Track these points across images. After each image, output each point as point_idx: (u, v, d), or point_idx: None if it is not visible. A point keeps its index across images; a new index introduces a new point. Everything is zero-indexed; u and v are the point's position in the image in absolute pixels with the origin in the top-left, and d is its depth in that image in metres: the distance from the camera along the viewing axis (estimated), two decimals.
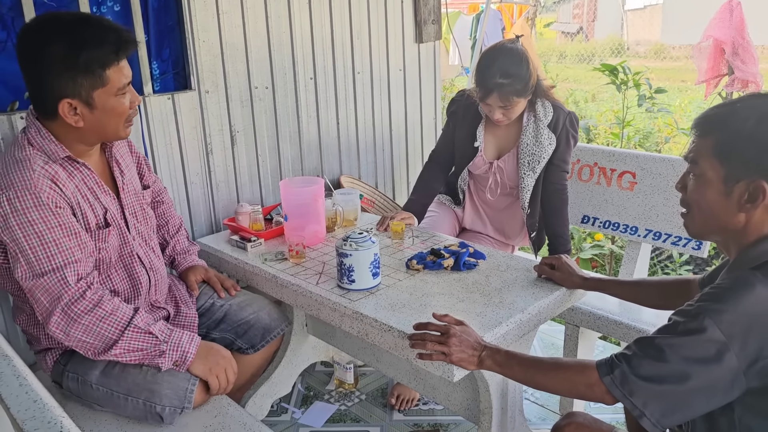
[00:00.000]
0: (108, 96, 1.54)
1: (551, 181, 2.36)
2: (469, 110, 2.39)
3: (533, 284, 1.87)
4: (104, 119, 1.57)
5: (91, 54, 1.48)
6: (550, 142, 2.30)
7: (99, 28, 1.52)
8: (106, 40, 1.51)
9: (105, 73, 1.52)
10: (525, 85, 2.18)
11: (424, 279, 1.93)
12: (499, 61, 2.18)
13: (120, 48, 1.53)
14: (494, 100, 2.20)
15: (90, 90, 1.52)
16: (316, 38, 2.71)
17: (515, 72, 2.16)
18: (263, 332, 1.97)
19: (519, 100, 2.21)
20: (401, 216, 2.36)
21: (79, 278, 1.52)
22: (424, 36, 3.11)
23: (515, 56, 2.19)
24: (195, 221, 2.48)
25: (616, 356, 1.29)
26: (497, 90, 2.17)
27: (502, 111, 2.23)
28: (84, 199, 1.61)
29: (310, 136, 2.79)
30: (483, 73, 2.21)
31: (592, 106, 8.25)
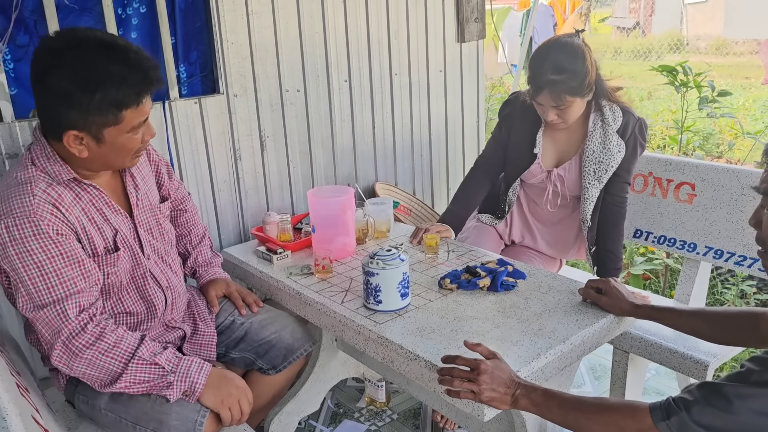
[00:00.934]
0: (120, 133, 1.44)
1: (612, 193, 2.17)
2: (528, 113, 2.21)
3: (577, 309, 1.70)
4: (111, 154, 1.47)
5: (107, 94, 1.36)
6: (620, 149, 2.11)
7: (123, 64, 1.38)
8: (128, 81, 1.38)
9: (121, 113, 1.40)
10: (580, 82, 1.99)
11: (457, 300, 1.79)
12: (552, 56, 2.01)
13: (143, 90, 1.41)
14: (545, 98, 2.02)
15: (101, 127, 1.41)
16: (351, 38, 2.59)
17: (569, 67, 1.98)
18: (285, 353, 1.86)
19: (573, 100, 2.02)
20: (436, 229, 2.22)
21: (81, 310, 1.44)
22: (466, 35, 2.95)
23: (570, 50, 2.01)
24: (223, 230, 2.39)
25: (674, 400, 1.14)
26: (548, 87, 1.99)
27: (556, 112, 2.05)
28: (91, 223, 1.52)
29: (344, 141, 2.67)
30: (534, 69, 2.04)
31: (648, 105, 7.89)
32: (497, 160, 2.33)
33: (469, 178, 2.40)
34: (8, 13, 1.87)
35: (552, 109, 2.04)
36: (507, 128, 2.29)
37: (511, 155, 2.28)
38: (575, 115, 2.08)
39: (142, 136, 1.50)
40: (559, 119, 2.07)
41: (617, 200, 2.17)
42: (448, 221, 2.29)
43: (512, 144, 2.27)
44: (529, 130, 2.21)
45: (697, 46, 13.41)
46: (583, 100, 2.06)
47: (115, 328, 1.48)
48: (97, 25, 2.01)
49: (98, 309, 1.48)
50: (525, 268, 1.97)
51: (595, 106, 2.13)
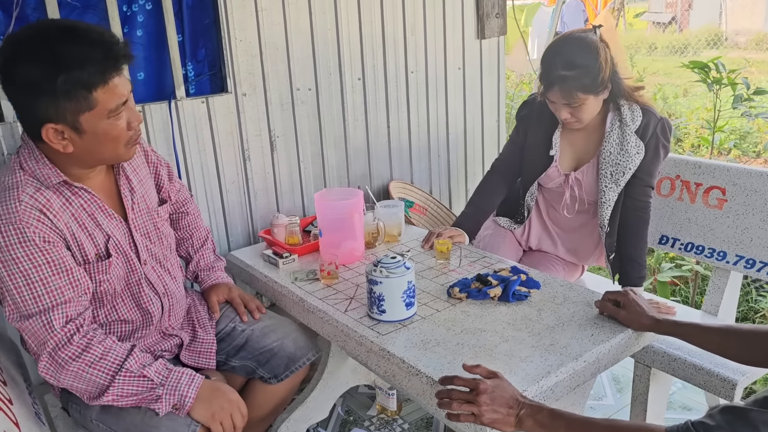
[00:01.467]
0: (98, 119, 1.37)
1: (632, 197, 2.05)
2: (545, 114, 2.11)
3: (593, 323, 1.59)
4: (97, 144, 1.40)
5: (71, 76, 1.30)
6: (638, 150, 1.99)
7: (83, 44, 1.32)
8: (90, 58, 1.32)
9: (91, 95, 1.33)
10: (593, 79, 1.89)
11: (465, 310, 1.70)
12: (564, 51, 1.91)
13: (107, 67, 1.34)
14: (556, 95, 1.93)
15: (75, 114, 1.34)
16: (365, 35, 2.50)
17: (581, 63, 1.88)
18: (287, 361, 1.80)
19: (586, 98, 1.91)
20: (449, 233, 2.12)
21: (67, 320, 1.39)
22: (486, 31, 2.84)
23: (583, 46, 1.90)
24: (231, 232, 2.34)
25: (693, 424, 1.06)
26: (559, 84, 1.90)
27: (569, 110, 1.95)
28: (81, 229, 1.47)
29: (357, 141, 2.59)
30: (546, 65, 1.95)
31: (683, 102, 7.63)
32: (514, 163, 2.23)
33: (486, 182, 2.30)
34: (9, 11, 1.84)
35: (564, 107, 1.95)
36: (524, 130, 2.19)
37: (528, 158, 2.18)
38: (590, 114, 1.97)
39: (127, 122, 1.43)
40: (572, 118, 1.97)
41: (639, 205, 2.05)
42: (463, 225, 2.20)
43: (529, 146, 2.17)
44: (546, 132, 2.11)
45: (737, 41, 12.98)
46: (598, 99, 1.95)
47: (104, 338, 1.43)
48: (101, 22, 1.97)
49: (86, 319, 1.43)
50: (540, 276, 1.87)
51: (613, 106, 2.01)
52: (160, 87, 2.15)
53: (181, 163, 2.15)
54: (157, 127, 2.09)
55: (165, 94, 2.13)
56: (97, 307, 1.54)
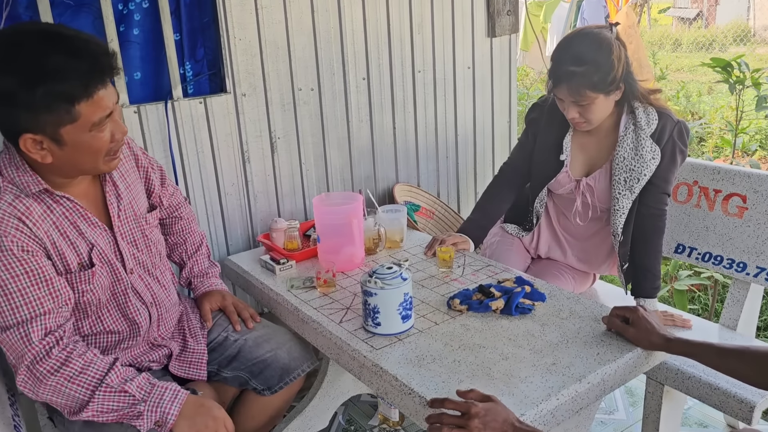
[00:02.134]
0: (80, 132, 1.30)
1: (647, 204, 1.95)
2: (555, 117, 2.02)
3: (599, 340, 1.50)
4: (77, 156, 1.34)
5: (52, 88, 1.23)
6: (654, 155, 1.89)
7: (66, 54, 1.25)
8: (73, 71, 1.25)
9: (74, 108, 1.27)
10: (602, 77, 1.79)
11: (465, 324, 1.62)
12: (574, 46, 1.82)
13: (92, 79, 1.27)
14: (564, 92, 1.83)
15: (56, 126, 1.28)
16: (370, 33, 2.43)
17: (591, 59, 1.78)
18: (281, 373, 1.74)
19: (595, 97, 1.81)
20: (453, 240, 2.04)
21: (46, 333, 1.34)
22: (497, 29, 2.74)
23: (595, 41, 1.81)
24: (230, 236, 2.28)
25: None
26: (566, 80, 1.81)
27: (578, 109, 1.85)
28: (63, 238, 1.41)
29: (362, 143, 2.52)
30: (555, 60, 1.86)
31: (707, 101, 7.43)
32: (523, 167, 2.14)
33: (493, 186, 2.21)
34: (0, 10, 1.79)
35: (572, 105, 1.85)
36: (533, 133, 2.10)
37: (537, 162, 2.08)
38: (599, 115, 1.87)
39: (111, 134, 1.37)
40: (581, 118, 1.87)
41: (654, 213, 1.95)
42: (469, 231, 2.11)
43: (538, 150, 2.07)
44: (557, 136, 2.01)
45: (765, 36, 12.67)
46: (608, 99, 1.84)
47: (84, 351, 1.37)
48: (96, 21, 1.92)
49: (66, 331, 1.38)
50: (546, 288, 1.78)
51: (627, 108, 1.91)
52: (157, 87, 2.10)
53: (178, 166, 2.10)
54: (154, 129, 2.04)
55: (162, 94, 2.08)
56: (81, 317, 1.49)
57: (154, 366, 1.63)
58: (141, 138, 2.02)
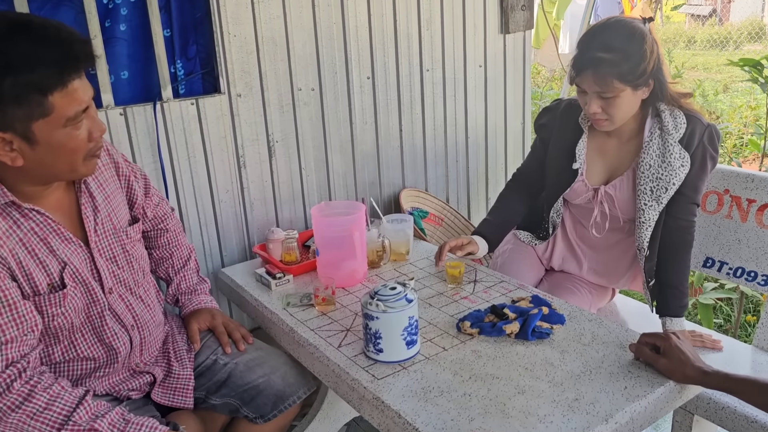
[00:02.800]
0: (53, 128, 1.18)
1: (675, 216, 1.78)
2: (567, 122, 1.86)
3: (626, 372, 1.35)
4: (52, 157, 1.21)
5: (21, 79, 1.11)
6: (683, 162, 1.72)
7: (37, 42, 1.14)
8: (45, 59, 1.13)
9: (46, 100, 1.15)
10: (632, 67, 1.62)
11: (476, 350, 1.47)
12: (605, 33, 1.66)
13: (65, 68, 1.15)
14: (588, 80, 1.65)
15: (27, 121, 1.15)
16: (375, 30, 2.27)
17: (620, 46, 1.61)
18: (275, 400, 1.59)
19: (622, 89, 1.64)
20: (458, 242, 1.86)
21: (7, 364, 1.20)
22: (511, 25, 2.58)
23: (627, 30, 1.64)
24: (225, 246, 2.13)
25: None
26: (593, 67, 1.63)
27: (601, 103, 1.67)
28: (31, 256, 1.27)
29: (366, 146, 2.36)
30: (581, 47, 1.69)
31: (724, 99, 7.23)
32: (536, 176, 1.98)
33: (508, 190, 2.05)
34: None
35: (596, 98, 1.67)
36: (545, 140, 1.93)
37: (551, 171, 1.92)
38: (624, 111, 1.70)
39: (88, 132, 1.24)
40: (603, 114, 1.69)
41: (682, 225, 1.79)
42: (485, 232, 1.93)
43: (551, 158, 1.91)
44: (569, 142, 1.85)
45: None
46: (635, 95, 1.68)
47: (50, 384, 1.23)
48: (78, 16, 1.77)
49: (30, 362, 1.23)
50: (566, 308, 1.63)
51: (652, 111, 1.75)
52: (146, 87, 1.95)
53: (168, 172, 1.95)
54: (141, 132, 1.89)
55: (152, 94, 1.94)
56: (52, 343, 1.35)
57: (134, 395, 1.48)
58: (128, 142, 1.88)
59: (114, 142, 1.85)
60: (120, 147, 1.86)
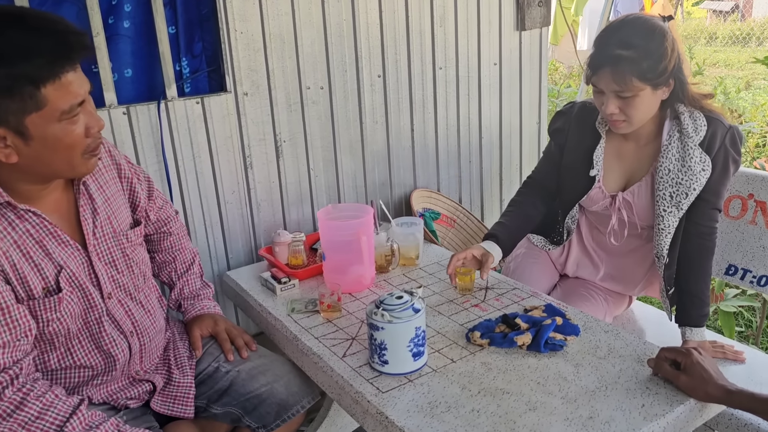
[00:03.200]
0: (47, 122, 1.14)
1: (695, 222, 1.70)
2: (584, 126, 1.78)
3: (644, 388, 1.28)
4: (47, 153, 1.17)
5: (13, 70, 1.08)
6: (704, 167, 1.64)
7: (30, 33, 1.11)
8: (38, 49, 1.10)
9: (39, 92, 1.11)
10: (653, 65, 1.54)
11: (486, 362, 1.40)
12: (623, 29, 1.57)
13: (59, 58, 1.12)
14: (605, 78, 1.57)
15: (20, 115, 1.12)
16: (387, 27, 2.21)
17: (640, 44, 1.53)
18: (278, 409, 1.54)
19: (642, 87, 1.55)
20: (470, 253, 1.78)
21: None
22: (527, 22, 2.51)
23: (647, 27, 1.56)
24: (231, 248, 2.09)
25: None
26: (611, 64, 1.54)
27: (618, 103, 1.58)
28: (26, 259, 1.23)
29: (376, 146, 2.31)
30: (598, 44, 1.61)
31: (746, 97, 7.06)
32: (550, 182, 1.91)
33: (521, 197, 1.97)
34: None
35: (613, 97, 1.58)
36: (559, 145, 1.86)
37: (566, 178, 1.85)
38: (643, 112, 1.61)
39: (85, 128, 1.20)
40: (620, 115, 1.61)
41: (703, 231, 1.71)
42: (499, 236, 1.83)
43: (567, 164, 1.84)
44: (586, 148, 1.77)
45: None
46: (655, 95, 1.60)
47: (44, 392, 1.19)
48: (81, 12, 1.73)
49: (23, 368, 1.20)
50: (581, 318, 1.56)
51: (671, 113, 1.67)
52: (151, 85, 1.91)
53: (172, 172, 1.91)
54: (145, 132, 1.85)
55: (157, 93, 1.89)
56: (47, 349, 1.31)
57: (131, 404, 1.44)
58: (131, 142, 1.83)
59: (117, 141, 1.81)
60: (123, 147, 1.82)
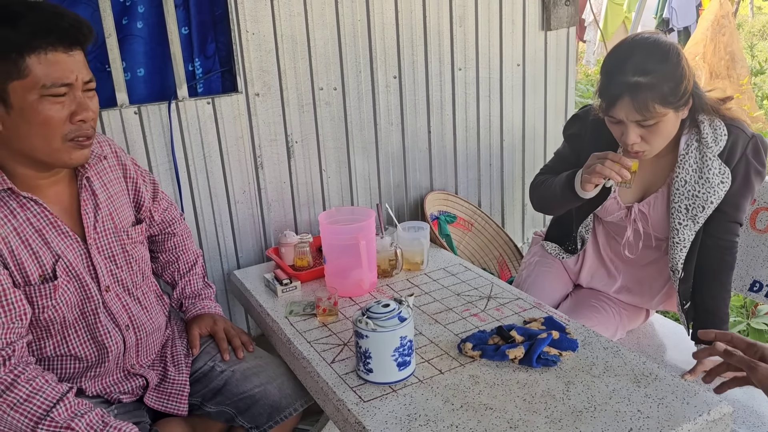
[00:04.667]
0: (27, 92, 1.18)
1: (713, 235, 1.62)
2: (600, 133, 1.68)
3: (636, 411, 1.22)
4: (25, 126, 1.21)
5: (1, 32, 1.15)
6: (723, 179, 1.55)
7: (29, 8, 1.18)
8: (26, 20, 1.16)
9: (23, 60, 1.16)
10: (673, 88, 1.45)
11: (475, 375, 1.36)
12: (636, 54, 1.47)
13: (44, 32, 1.17)
14: (626, 108, 1.47)
15: (4, 80, 1.17)
16: (403, 26, 2.18)
17: (657, 68, 1.44)
18: (270, 411, 1.55)
19: (665, 113, 1.47)
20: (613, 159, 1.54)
21: None
22: (553, 21, 2.43)
23: (660, 47, 1.47)
24: (241, 248, 2.10)
25: None
26: (629, 93, 1.45)
27: (641, 132, 1.50)
28: (24, 246, 1.27)
29: (391, 148, 2.28)
30: (609, 73, 1.51)
31: None
32: None
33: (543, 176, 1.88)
34: None
35: (634, 126, 1.49)
36: (575, 150, 1.78)
37: None
38: (665, 137, 1.53)
39: (69, 113, 1.23)
40: (643, 145, 1.52)
41: (722, 245, 1.61)
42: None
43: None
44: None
45: None
46: (677, 116, 1.51)
47: (34, 376, 1.23)
48: (96, 14, 1.77)
49: (17, 350, 1.24)
50: (582, 333, 1.50)
51: (689, 122, 1.58)
52: (163, 85, 1.94)
53: (182, 171, 1.94)
54: (156, 131, 1.88)
55: (169, 93, 1.92)
56: (44, 336, 1.35)
57: (125, 399, 1.47)
58: (142, 141, 1.87)
59: (128, 141, 1.84)
60: (134, 146, 1.86)
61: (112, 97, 1.82)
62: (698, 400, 1.24)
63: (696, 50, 5.76)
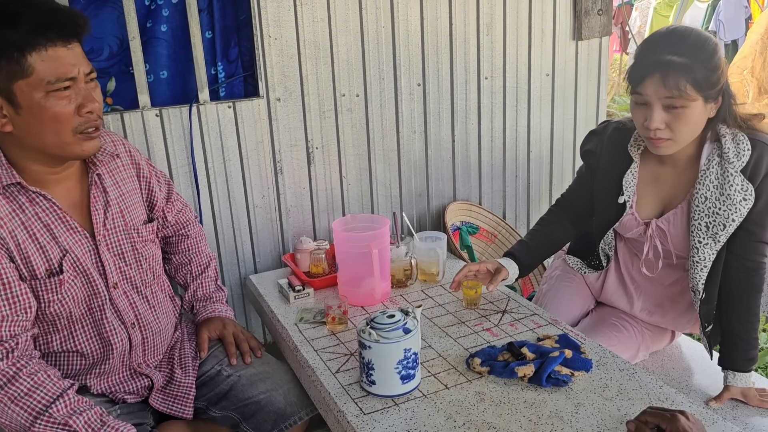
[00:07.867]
0: (34, 90, 1.20)
1: (738, 255, 1.53)
2: (616, 149, 1.63)
3: None
4: (36, 124, 1.22)
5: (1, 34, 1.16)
6: (745, 196, 1.47)
7: (23, 4, 1.19)
8: (25, 18, 1.17)
9: (25, 59, 1.17)
10: (707, 74, 1.38)
11: (481, 392, 1.32)
12: (672, 38, 1.42)
13: (44, 29, 1.18)
14: (654, 85, 1.39)
15: (9, 80, 1.18)
16: (428, 34, 2.15)
17: (692, 51, 1.38)
18: (275, 418, 1.52)
19: (694, 98, 1.39)
20: (480, 268, 1.70)
21: None
22: (584, 31, 2.37)
23: (699, 37, 1.42)
24: (259, 252, 2.10)
25: None
26: (661, 69, 1.38)
27: (666, 118, 1.42)
28: (32, 240, 1.29)
29: (414, 156, 2.25)
30: (642, 53, 1.45)
31: None
32: (582, 205, 1.78)
33: (551, 216, 1.86)
34: None
35: (660, 109, 1.41)
36: (591, 167, 1.72)
37: (598, 203, 1.71)
38: (690, 129, 1.45)
39: (76, 106, 1.24)
40: (666, 131, 1.44)
41: (747, 266, 1.53)
42: (518, 254, 1.75)
43: (598, 189, 1.70)
44: (617, 172, 1.63)
45: None
46: (705, 110, 1.43)
47: (36, 370, 1.24)
48: (121, 17, 1.80)
49: (20, 343, 1.25)
50: (598, 353, 1.43)
51: (711, 135, 1.50)
52: (186, 88, 1.96)
53: (201, 174, 1.94)
54: (176, 134, 1.89)
55: (191, 96, 1.94)
56: (50, 331, 1.36)
57: (129, 399, 1.47)
58: (162, 143, 1.88)
59: (149, 143, 1.86)
60: (155, 148, 1.87)
61: (134, 99, 1.84)
62: (716, 429, 1.17)
63: (744, 64, 5.57)
